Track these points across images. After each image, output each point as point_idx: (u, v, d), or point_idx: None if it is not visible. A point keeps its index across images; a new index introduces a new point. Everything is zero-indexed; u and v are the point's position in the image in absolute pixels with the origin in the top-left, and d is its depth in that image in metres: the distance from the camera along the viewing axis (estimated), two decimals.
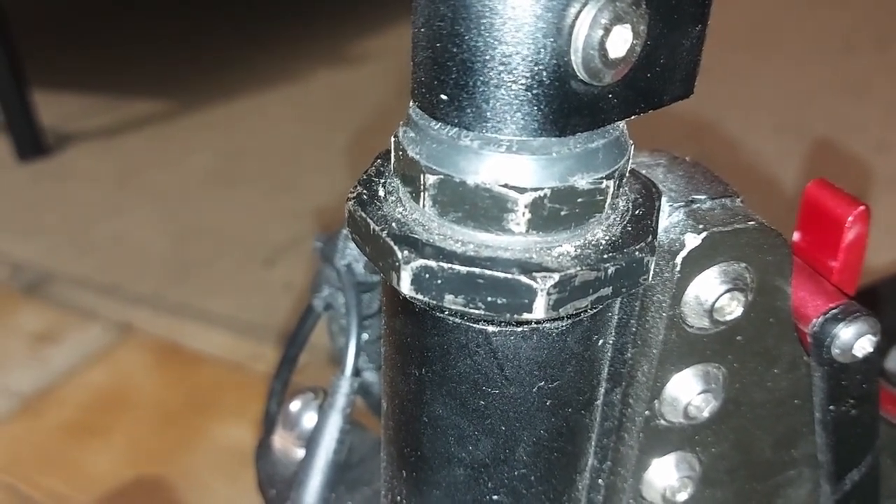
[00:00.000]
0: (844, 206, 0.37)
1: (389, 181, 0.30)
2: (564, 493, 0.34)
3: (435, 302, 0.27)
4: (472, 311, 0.27)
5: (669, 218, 0.32)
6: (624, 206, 0.30)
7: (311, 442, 0.43)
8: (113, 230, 1.55)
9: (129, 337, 1.28)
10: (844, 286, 0.36)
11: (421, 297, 0.27)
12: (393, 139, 0.29)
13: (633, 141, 0.30)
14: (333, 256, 0.44)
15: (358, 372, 0.43)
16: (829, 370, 0.35)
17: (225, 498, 1.03)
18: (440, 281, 0.27)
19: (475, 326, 0.29)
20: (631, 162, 0.30)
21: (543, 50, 0.25)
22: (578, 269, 0.27)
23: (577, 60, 0.25)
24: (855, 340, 0.33)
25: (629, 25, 0.25)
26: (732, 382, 0.34)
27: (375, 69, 2.07)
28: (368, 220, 0.29)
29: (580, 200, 0.27)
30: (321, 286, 0.46)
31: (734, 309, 0.32)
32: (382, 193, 0.30)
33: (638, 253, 0.28)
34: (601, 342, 0.31)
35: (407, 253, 0.27)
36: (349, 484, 0.44)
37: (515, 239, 0.27)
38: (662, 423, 0.34)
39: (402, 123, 0.29)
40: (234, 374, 1.21)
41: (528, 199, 0.27)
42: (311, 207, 1.55)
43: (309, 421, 0.44)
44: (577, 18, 0.25)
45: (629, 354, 0.33)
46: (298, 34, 2.29)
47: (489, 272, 0.26)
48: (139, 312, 1.33)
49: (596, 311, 0.30)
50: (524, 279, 0.26)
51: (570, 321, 0.29)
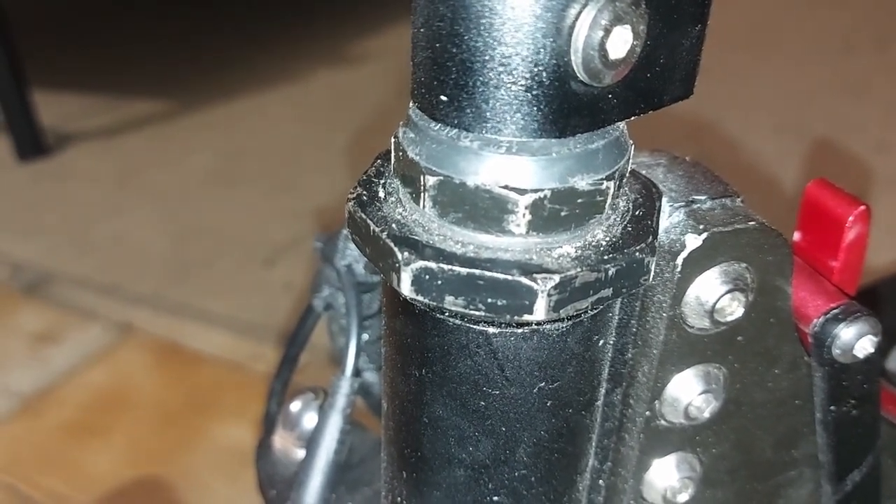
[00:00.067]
0: (845, 205, 0.37)
1: (389, 182, 0.30)
2: (565, 493, 0.33)
3: (435, 303, 0.27)
4: (472, 312, 0.27)
5: (670, 218, 0.31)
6: (624, 206, 0.30)
7: (311, 442, 0.43)
8: (113, 230, 1.55)
9: (129, 337, 1.28)
10: (845, 286, 0.36)
11: (421, 298, 0.27)
12: (393, 140, 0.29)
13: (632, 141, 0.30)
14: (333, 257, 0.44)
15: (358, 372, 0.43)
16: (829, 370, 0.35)
17: (225, 498, 1.02)
18: (440, 282, 0.27)
19: (475, 328, 0.29)
20: (631, 162, 0.30)
21: (543, 50, 0.25)
22: (579, 270, 0.27)
23: (576, 61, 0.25)
24: (856, 341, 0.33)
25: (629, 26, 0.25)
26: (733, 383, 0.34)
27: (375, 69, 2.07)
28: (368, 221, 0.29)
29: (580, 201, 0.27)
30: (321, 286, 0.46)
31: (735, 309, 0.32)
32: (382, 194, 0.30)
33: (638, 254, 0.28)
34: (602, 343, 0.31)
35: (407, 254, 0.27)
36: (349, 484, 0.44)
37: (516, 240, 0.27)
38: (663, 423, 0.34)
39: (401, 124, 0.29)
40: (234, 373, 1.21)
41: (528, 200, 0.27)
42: (311, 207, 1.55)
43: (309, 421, 0.44)
44: (577, 19, 0.25)
45: (630, 355, 0.33)
46: (298, 34, 2.29)
47: (489, 273, 0.26)
48: (139, 312, 1.33)
49: (596, 311, 0.30)
50: (524, 280, 0.26)
51: (570, 322, 0.29)
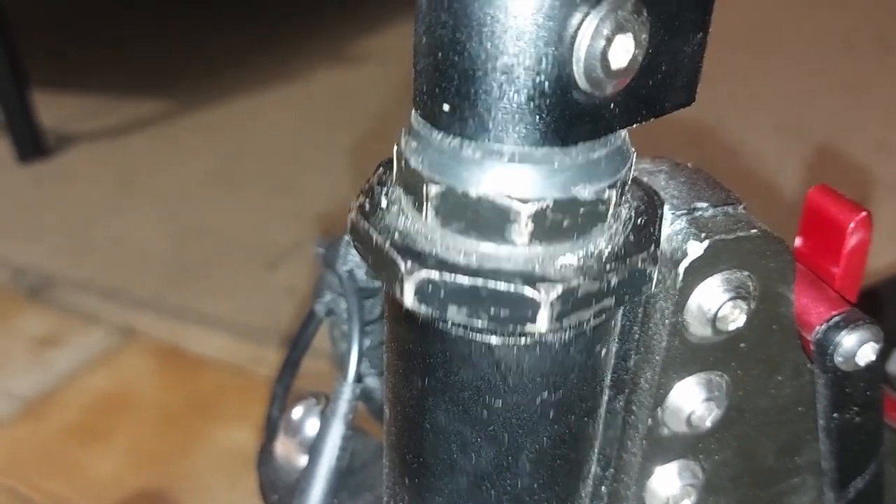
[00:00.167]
0: (846, 212, 0.37)
1: (392, 190, 0.30)
2: (567, 501, 0.33)
3: (438, 314, 0.27)
4: (475, 322, 0.27)
5: (672, 226, 0.31)
6: (626, 214, 0.30)
7: (313, 449, 0.43)
8: (114, 232, 1.55)
9: (131, 341, 1.28)
10: (846, 292, 0.36)
11: (424, 308, 0.27)
12: (395, 148, 0.29)
13: (634, 148, 0.30)
14: (335, 262, 0.44)
15: (360, 378, 0.43)
16: (832, 377, 0.34)
17: (227, 501, 1.03)
18: (443, 293, 0.27)
19: (478, 337, 0.29)
20: (633, 169, 0.29)
21: (545, 59, 0.25)
22: (581, 280, 0.27)
23: (579, 70, 0.25)
24: (858, 348, 0.33)
25: (631, 35, 0.25)
26: (735, 390, 0.34)
27: (375, 69, 2.07)
28: (371, 230, 0.29)
29: (583, 211, 0.27)
30: (323, 291, 0.46)
31: (737, 317, 0.32)
32: (385, 203, 0.30)
33: (641, 263, 0.28)
34: (604, 351, 0.31)
35: (410, 264, 0.27)
36: (351, 489, 0.44)
37: (518, 250, 0.27)
38: (665, 430, 0.34)
39: (404, 131, 0.29)
40: (235, 377, 1.21)
41: (530, 210, 0.27)
42: (312, 209, 1.55)
43: (311, 427, 0.44)
44: (579, 28, 0.25)
45: (632, 362, 0.33)
46: (298, 34, 2.29)
47: (492, 284, 0.26)
48: (141, 316, 1.33)
49: (599, 320, 0.30)
50: (527, 291, 0.26)
51: (573, 331, 0.29)
